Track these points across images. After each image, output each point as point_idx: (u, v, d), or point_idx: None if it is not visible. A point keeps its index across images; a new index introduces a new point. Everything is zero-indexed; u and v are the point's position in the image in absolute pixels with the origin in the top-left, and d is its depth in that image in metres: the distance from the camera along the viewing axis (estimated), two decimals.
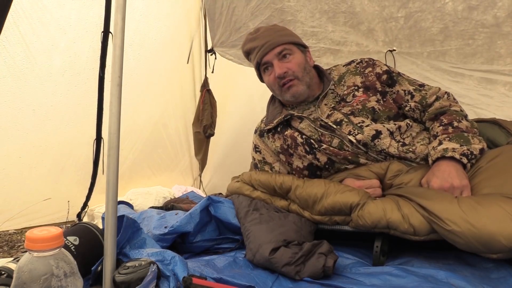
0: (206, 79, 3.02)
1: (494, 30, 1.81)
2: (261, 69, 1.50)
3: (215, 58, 2.85)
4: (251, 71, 1.64)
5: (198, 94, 3.33)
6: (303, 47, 1.51)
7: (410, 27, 2.02)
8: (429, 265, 1.08)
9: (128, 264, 0.93)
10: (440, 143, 1.27)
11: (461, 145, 1.23)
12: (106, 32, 2.30)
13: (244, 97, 3.22)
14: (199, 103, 2.98)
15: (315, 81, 1.51)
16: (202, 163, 3.14)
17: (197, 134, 3.01)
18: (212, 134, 2.97)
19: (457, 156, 1.21)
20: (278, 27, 1.54)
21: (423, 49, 2.08)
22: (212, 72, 2.92)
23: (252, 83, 1.84)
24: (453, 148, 1.22)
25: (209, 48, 2.91)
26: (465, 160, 1.20)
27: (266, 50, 1.44)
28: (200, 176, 3.66)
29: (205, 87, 2.99)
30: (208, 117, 2.93)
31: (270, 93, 1.63)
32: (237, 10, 2.44)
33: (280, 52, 1.43)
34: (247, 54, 1.54)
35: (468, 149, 1.22)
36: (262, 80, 1.57)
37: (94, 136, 2.57)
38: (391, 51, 2.18)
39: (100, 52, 2.37)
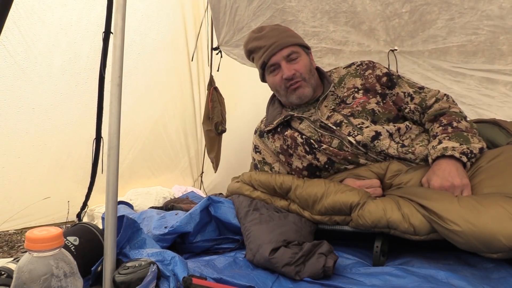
0: (211, 77, 3.02)
1: (498, 22, 1.81)
2: (267, 69, 1.48)
3: (221, 57, 2.83)
4: (254, 71, 1.63)
5: (198, 94, 3.33)
6: (306, 49, 1.51)
7: (414, 22, 2.02)
8: (429, 265, 1.08)
9: (128, 264, 0.93)
10: (440, 142, 1.26)
11: (460, 144, 1.23)
12: (107, 32, 2.30)
13: (245, 97, 3.22)
14: (207, 102, 2.98)
15: (317, 83, 1.51)
16: (216, 161, 3.11)
17: (209, 132, 2.99)
18: (224, 131, 2.95)
19: (456, 154, 1.20)
20: (283, 27, 1.53)
21: (425, 47, 2.08)
22: (218, 70, 2.92)
23: (254, 83, 1.84)
24: (453, 147, 1.22)
25: (214, 46, 2.89)
26: (464, 159, 1.20)
27: (274, 51, 1.42)
28: (201, 176, 3.66)
29: (212, 85, 2.99)
30: (218, 114, 2.92)
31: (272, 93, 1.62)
32: (240, 10, 2.44)
33: (288, 54, 1.43)
34: (250, 52, 1.52)
35: (467, 148, 1.22)
36: (263, 79, 1.56)
37: (94, 136, 2.57)
38: (392, 50, 2.18)
39: (101, 52, 2.37)
